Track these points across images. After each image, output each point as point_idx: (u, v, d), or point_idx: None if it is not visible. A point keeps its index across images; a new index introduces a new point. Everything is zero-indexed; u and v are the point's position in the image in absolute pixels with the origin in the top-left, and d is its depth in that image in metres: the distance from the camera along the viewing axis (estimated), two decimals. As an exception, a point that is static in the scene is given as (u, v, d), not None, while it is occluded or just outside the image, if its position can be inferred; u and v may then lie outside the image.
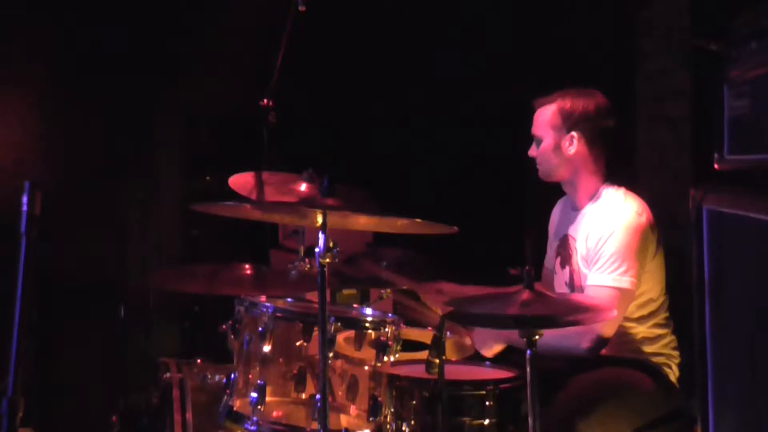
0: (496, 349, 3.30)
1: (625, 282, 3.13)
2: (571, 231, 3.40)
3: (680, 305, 3.28)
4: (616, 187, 3.34)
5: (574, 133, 3.31)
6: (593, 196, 3.36)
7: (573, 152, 3.32)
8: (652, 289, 3.26)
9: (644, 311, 3.27)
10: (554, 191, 3.55)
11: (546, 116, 3.36)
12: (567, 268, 3.40)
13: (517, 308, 2.64)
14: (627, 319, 3.25)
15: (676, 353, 3.32)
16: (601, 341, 3.12)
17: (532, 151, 3.41)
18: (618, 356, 3.29)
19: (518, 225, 5.29)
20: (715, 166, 2.43)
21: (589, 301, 3.03)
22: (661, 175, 4.59)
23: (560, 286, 3.45)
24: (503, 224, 5.15)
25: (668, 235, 3.32)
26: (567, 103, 3.33)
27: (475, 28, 5.25)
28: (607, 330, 3.12)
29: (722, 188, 2.43)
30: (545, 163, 3.38)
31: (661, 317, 3.31)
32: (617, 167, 3.43)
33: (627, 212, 3.23)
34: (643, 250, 3.18)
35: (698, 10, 4.20)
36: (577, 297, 3.16)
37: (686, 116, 4.48)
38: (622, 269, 3.13)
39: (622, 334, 3.27)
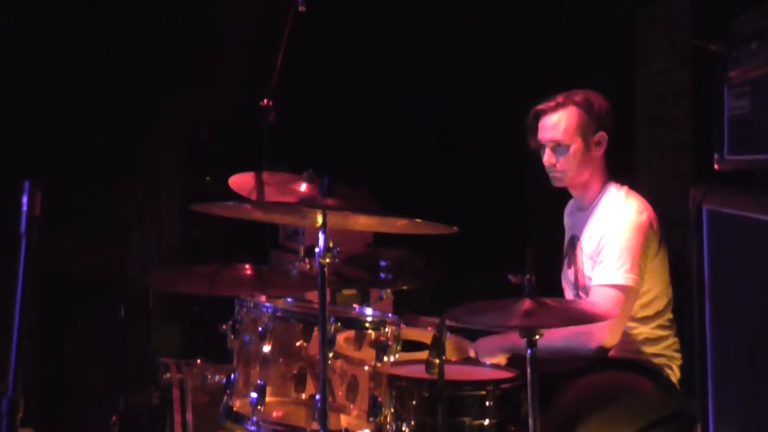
0: (500, 359, 3.31)
1: (629, 280, 3.14)
2: (577, 231, 3.41)
3: (680, 305, 3.29)
4: (618, 186, 3.35)
5: (603, 133, 3.29)
6: (598, 196, 3.36)
7: (600, 153, 3.30)
8: (655, 287, 3.27)
9: (648, 312, 3.27)
10: (554, 191, 3.55)
11: (570, 121, 3.27)
12: (572, 268, 3.40)
13: (519, 319, 2.64)
14: (630, 319, 3.25)
15: (677, 355, 3.31)
16: (609, 341, 3.14)
17: (550, 159, 3.31)
18: (619, 357, 3.29)
19: (519, 225, 5.30)
20: (715, 166, 2.44)
21: (590, 307, 3.03)
22: (661, 175, 4.59)
23: (565, 286, 3.47)
24: (504, 224, 5.16)
25: (668, 235, 3.32)
26: (592, 104, 3.28)
27: (476, 28, 5.25)
28: (615, 330, 3.13)
29: (722, 188, 2.43)
30: (572, 167, 3.29)
31: (664, 318, 3.31)
32: (619, 166, 3.43)
33: (628, 211, 3.24)
34: (645, 248, 3.19)
35: (698, 10, 4.19)
36: (579, 305, 3.14)
37: (686, 116, 4.48)
38: (625, 267, 3.14)
39: (624, 335, 3.27)
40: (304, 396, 2.92)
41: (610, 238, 3.18)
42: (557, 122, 3.29)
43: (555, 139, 3.29)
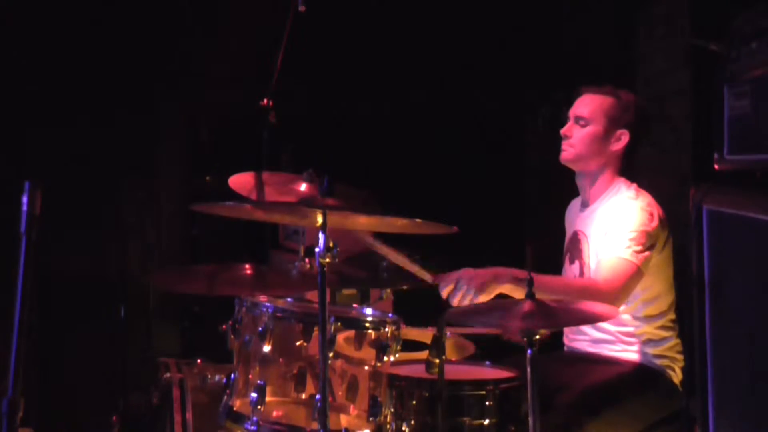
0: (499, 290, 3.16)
1: (637, 259, 3.15)
2: (581, 227, 3.41)
3: (680, 305, 3.29)
4: (628, 184, 3.37)
5: (626, 131, 3.34)
6: (606, 192, 3.37)
7: (616, 148, 3.34)
8: (658, 285, 3.27)
9: (652, 310, 3.27)
10: (555, 192, 3.55)
11: (603, 104, 3.35)
12: (576, 263, 3.40)
13: (520, 321, 2.63)
14: (634, 318, 3.27)
15: (680, 356, 3.31)
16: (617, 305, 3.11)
17: (568, 130, 3.38)
18: (621, 358, 3.29)
19: (519, 224, 5.30)
20: (715, 166, 2.44)
21: (589, 307, 3.01)
22: (661, 175, 4.59)
23: None
24: (503, 223, 5.16)
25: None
26: (628, 100, 3.36)
27: (476, 29, 5.25)
28: (617, 302, 3.11)
29: (722, 188, 2.43)
30: (583, 146, 3.35)
31: (667, 319, 3.31)
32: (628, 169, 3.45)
33: (640, 202, 3.28)
34: (653, 237, 3.21)
35: (698, 10, 4.20)
36: (580, 304, 3.08)
37: (686, 116, 4.48)
38: (638, 248, 3.16)
39: (627, 335, 3.28)
40: (304, 396, 2.92)
41: (623, 221, 3.21)
42: (591, 101, 3.37)
43: (580, 114, 3.37)
